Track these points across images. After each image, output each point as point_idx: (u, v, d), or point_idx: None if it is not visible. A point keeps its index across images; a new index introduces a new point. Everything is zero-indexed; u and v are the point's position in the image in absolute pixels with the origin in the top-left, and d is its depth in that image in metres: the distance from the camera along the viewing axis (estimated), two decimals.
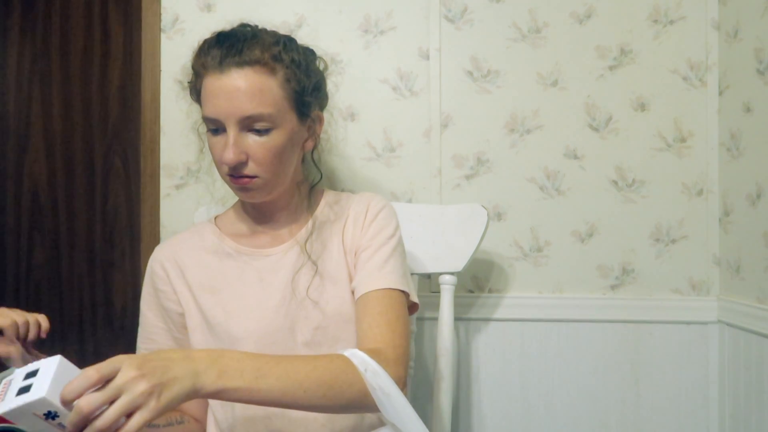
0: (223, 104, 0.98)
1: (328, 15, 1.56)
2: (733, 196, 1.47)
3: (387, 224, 1.11)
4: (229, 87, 0.98)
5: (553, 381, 1.54)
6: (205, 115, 1.02)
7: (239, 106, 0.98)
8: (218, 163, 1.03)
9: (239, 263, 1.10)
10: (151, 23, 1.57)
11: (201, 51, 1.03)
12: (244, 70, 0.99)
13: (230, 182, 1.04)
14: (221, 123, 1.00)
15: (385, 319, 1.00)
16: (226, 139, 1.00)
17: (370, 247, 1.08)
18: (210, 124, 1.02)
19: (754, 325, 1.37)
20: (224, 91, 0.98)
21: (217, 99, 0.99)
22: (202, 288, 1.09)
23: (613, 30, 1.53)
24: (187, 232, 1.18)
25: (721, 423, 1.50)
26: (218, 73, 0.99)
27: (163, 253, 1.14)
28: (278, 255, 1.10)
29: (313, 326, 1.06)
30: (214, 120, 1.00)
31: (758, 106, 1.37)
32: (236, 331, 1.05)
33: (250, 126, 1.00)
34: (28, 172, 1.86)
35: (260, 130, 1.00)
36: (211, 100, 1.00)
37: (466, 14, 1.55)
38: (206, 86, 1.00)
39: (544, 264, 1.55)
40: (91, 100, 1.83)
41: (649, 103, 1.53)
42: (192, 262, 1.12)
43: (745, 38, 1.42)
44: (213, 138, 1.03)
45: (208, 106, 1.00)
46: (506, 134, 1.55)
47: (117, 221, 1.83)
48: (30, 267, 1.87)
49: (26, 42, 1.85)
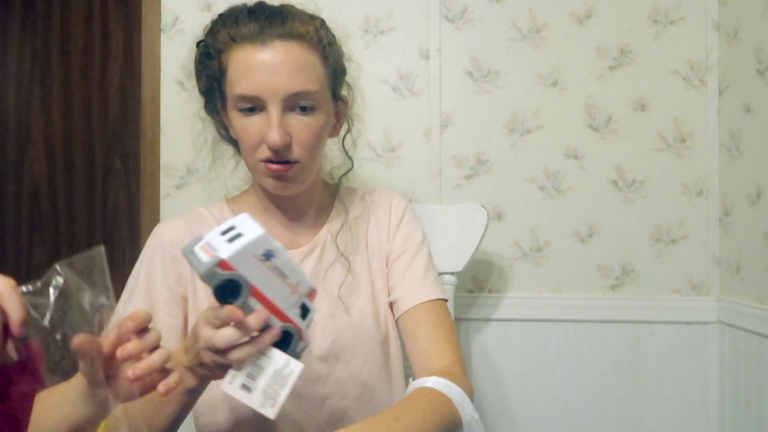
0: (266, 79, 0.88)
1: (328, 15, 1.55)
2: (733, 196, 1.47)
3: (415, 227, 1.08)
4: (273, 60, 0.88)
5: (553, 381, 1.54)
6: (241, 93, 0.90)
7: (285, 82, 0.88)
8: (252, 148, 0.92)
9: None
10: (151, 23, 1.57)
11: (226, 21, 0.92)
12: (289, 43, 0.89)
13: (264, 170, 0.93)
14: (261, 101, 0.89)
15: (443, 332, 0.97)
16: (266, 119, 0.90)
17: (405, 254, 1.04)
18: (245, 102, 0.90)
19: (754, 326, 1.37)
20: (267, 65, 0.88)
21: (259, 74, 0.88)
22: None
23: (613, 30, 1.53)
24: (199, 214, 1.05)
25: (721, 423, 1.50)
26: (259, 45, 0.89)
27: (176, 228, 1.01)
28: (298, 258, 1.02)
29: (331, 339, 0.99)
30: (252, 97, 0.89)
31: (758, 107, 1.37)
32: None
33: (294, 104, 0.90)
34: (28, 172, 1.86)
35: (305, 109, 0.91)
36: (249, 75, 0.89)
37: (466, 14, 1.55)
38: (241, 60, 0.89)
39: (544, 264, 1.55)
40: (91, 100, 1.83)
41: (649, 104, 1.53)
42: None
43: (745, 38, 1.42)
44: (246, 119, 0.91)
45: (245, 81, 0.89)
46: (506, 134, 1.55)
47: (117, 221, 1.83)
48: (30, 266, 1.87)
49: (26, 42, 1.86)
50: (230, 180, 1.33)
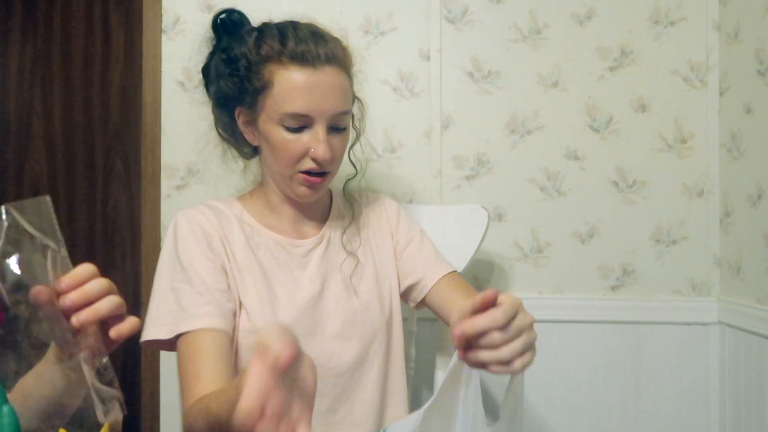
0: (318, 101, 0.97)
1: (328, 16, 1.56)
2: (733, 196, 1.47)
3: (411, 219, 1.20)
4: (324, 83, 0.97)
5: (554, 381, 1.54)
6: (294, 111, 0.97)
7: (334, 103, 0.98)
8: (293, 160, 1.00)
9: (272, 253, 1.06)
10: (152, 24, 1.57)
11: (269, 36, 0.99)
12: (333, 67, 0.99)
13: (302, 180, 1.01)
14: (310, 119, 0.98)
15: (473, 291, 1.09)
16: (313, 136, 0.98)
17: (413, 240, 1.16)
18: (294, 120, 0.98)
19: (755, 326, 1.37)
20: (320, 87, 0.97)
21: (312, 95, 0.97)
22: (238, 261, 1.03)
23: (614, 31, 1.54)
24: (217, 205, 1.09)
25: (721, 423, 1.50)
26: (311, 68, 0.97)
27: (202, 212, 1.05)
28: (308, 247, 1.08)
29: (341, 319, 1.05)
30: (303, 116, 0.98)
31: (759, 107, 1.37)
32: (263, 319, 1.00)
33: (334, 123, 1.00)
34: (28, 173, 1.86)
35: (340, 128, 1.01)
36: (303, 96, 0.97)
37: (467, 15, 1.55)
38: (293, 80, 0.97)
39: (544, 265, 1.55)
40: (92, 101, 1.83)
41: (650, 104, 1.53)
42: (230, 234, 1.04)
43: (745, 39, 1.42)
44: (290, 134, 0.99)
45: (298, 101, 0.97)
46: (507, 135, 1.55)
47: (117, 222, 1.83)
48: None
49: (27, 43, 1.86)
50: (235, 180, 1.33)
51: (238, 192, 1.53)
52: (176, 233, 1.03)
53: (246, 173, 1.24)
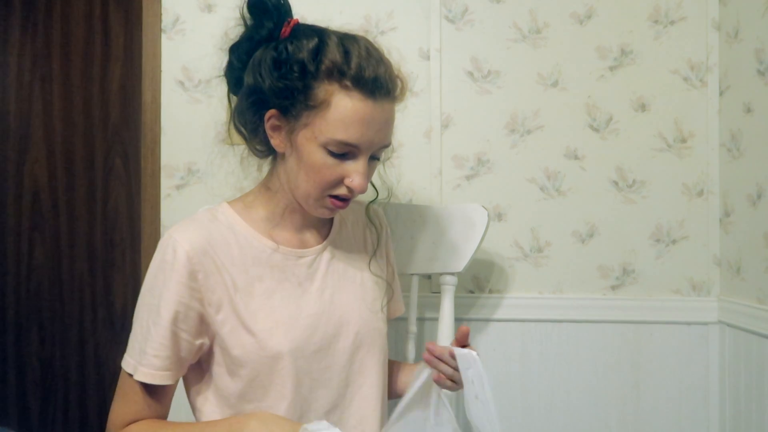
0: (371, 135, 0.94)
1: (328, 16, 1.56)
2: (733, 196, 1.47)
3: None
4: (381, 118, 0.95)
5: (554, 381, 1.54)
6: (345, 140, 0.93)
7: (384, 138, 0.97)
8: (329, 184, 0.97)
9: (279, 263, 1.02)
10: (152, 24, 1.57)
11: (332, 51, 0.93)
12: (391, 103, 0.97)
13: (329, 204, 0.99)
14: (357, 150, 0.95)
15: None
16: (355, 167, 0.95)
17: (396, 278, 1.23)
18: (340, 147, 0.94)
19: (755, 326, 1.37)
20: (377, 121, 0.94)
21: (368, 129, 0.93)
22: (237, 289, 0.99)
23: (614, 30, 1.53)
24: (210, 221, 1.02)
25: (721, 423, 1.50)
26: (371, 101, 0.93)
27: (192, 242, 0.97)
28: (313, 257, 1.06)
29: (355, 330, 1.05)
30: (352, 146, 0.94)
31: (759, 107, 1.37)
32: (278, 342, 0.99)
33: (375, 154, 0.98)
34: (28, 173, 1.86)
35: (376, 157, 1.00)
36: (358, 128, 0.93)
37: (467, 15, 1.55)
38: (352, 108, 0.92)
39: (544, 264, 1.55)
40: (92, 101, 1.83)
41: (650, 104, 1.53)
42: (227, 258, 0.99)
43: (745, 39, 1.42)
44: (332, 159, 0.95)
45: (352, 131, 0.92)
46: (507, 135, 1.55)
47: (117, 221, 1.83)
48: (30, 267, 1.87)
49: (27, 42, 1.86)
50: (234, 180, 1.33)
51: (238, 192, 1.53)
52: (162, 266, 0.96)
53: (245, 170, 1.23)
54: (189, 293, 0.96)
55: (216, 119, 1.55)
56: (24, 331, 1.87)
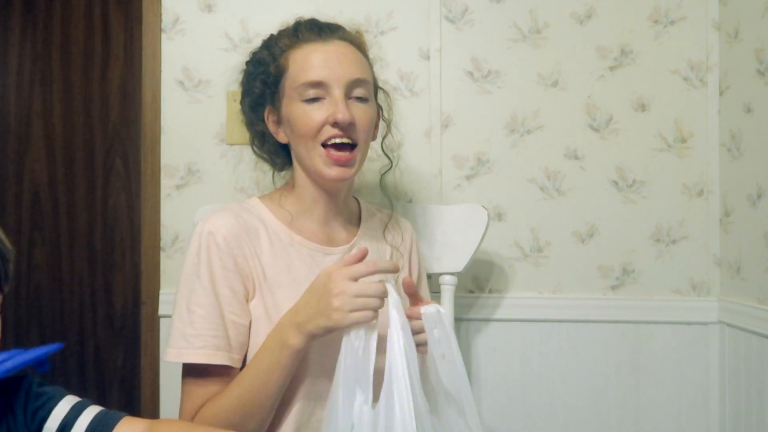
0: (331, 66, 1.01)
1: (328, 16, 1.56)
2: (733, 196, 1.47)
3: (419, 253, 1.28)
4: (335, 52, 1.03)
5: (554, 381, 1.54)
6: (308, 80, 1.01)
7: (348, 69, 1.02)
8: (314, 131, 1.01)
9: (306, 258, 1.05)
10: (152, 23, 1.57)
11: (284, 33, 1.07)
12: (344, 42, 1.05)
13: (326, 158, 1.02)
14: (326, 87, 1.01)
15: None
16: (330, 103, 1.01)
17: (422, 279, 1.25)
18: (310, 90, 1.01)
19: (755, 326, 1.37)
20: (332, 54, 1.02)
21: (325, 62, 1.01)
22: (266, 278, 1.02)
23: (614, 30, 1.53)
24: (243, 211, 1.06)
25: (721, 423, 1.50)
26: (321, 42, 1.03)
27: (228, 227, 1.01)
28: (339, 255, 1.07)
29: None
30: (318, 83, 1.01)
31: (759, 107, 1.37)
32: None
33: (351, 93, 1.03)
34: (28, 173, 1.86)
35: (360, 98, 1.04)
36: (315, 64, 1.02)
37: (467, 14, 1.55)
38: (304, 54, 1.03)
39: (544, 264, 1.55)
40: (92, 101, 1.83)
41: (650, 104, 1.53)
42: (258, 247, 1.03)
43: (745, 39, 1.42)
44: (309, 106, 1.02)
45: (311, 70, 1.01)
46: (507, 134, 1.55)
47: (117, 221, 1.83)
48: (30, 267, 1.87)
49: (27, 42, 1.86)
50: (234, 179, 1.33)
51: (238, 191, 1.53)
52: (200, 251, 1.00)
53: (246, 171, 1.25)
54: (230, 275, 0.99)
55: (216, 119, 1.55)
56: (24, 331, 1.87)
